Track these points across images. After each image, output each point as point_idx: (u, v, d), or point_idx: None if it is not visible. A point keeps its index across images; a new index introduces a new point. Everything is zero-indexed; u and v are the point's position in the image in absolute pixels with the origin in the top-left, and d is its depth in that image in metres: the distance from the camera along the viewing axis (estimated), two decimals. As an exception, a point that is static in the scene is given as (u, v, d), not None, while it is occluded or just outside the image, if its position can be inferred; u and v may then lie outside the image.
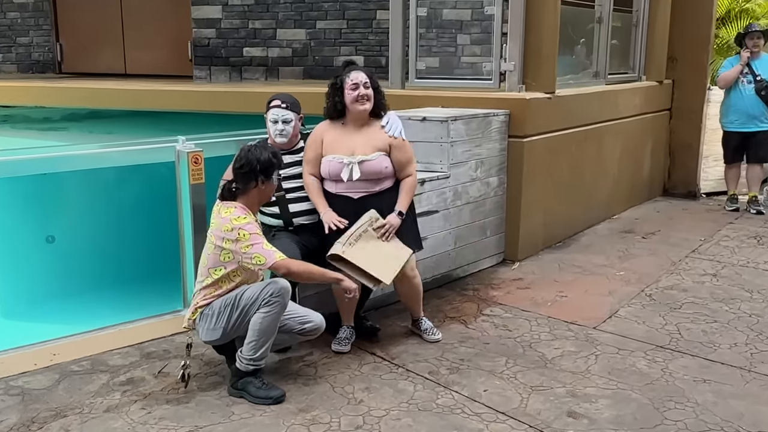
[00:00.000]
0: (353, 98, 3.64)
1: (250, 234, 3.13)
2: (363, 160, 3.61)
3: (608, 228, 6.37)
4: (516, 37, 5.27)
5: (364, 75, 3.67)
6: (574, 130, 5.87)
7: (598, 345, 3.81)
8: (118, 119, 7.72)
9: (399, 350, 3.73)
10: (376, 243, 3.57)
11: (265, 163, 3.21)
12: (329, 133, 3.72)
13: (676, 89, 7.69)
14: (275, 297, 3.11)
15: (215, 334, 3.24)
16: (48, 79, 9.31)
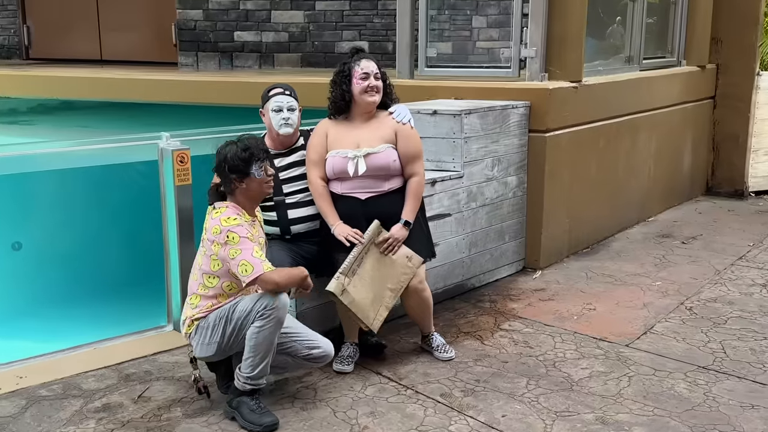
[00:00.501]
0: (362, 89, 3.68)
1: (240, 237, 3.15)
2: (369, 152, 3.66)
3: (643, 232, 6.39)
4: (538, 19, 5.30)
5: (374, 65, 3.72)
6: (604, 123, 5.89)
7: (631, 365, 3.83)
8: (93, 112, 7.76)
9: (407, 370, 3.76)
10: (380, 260, 3.63)
11: (233, 159, 3.20)
12: (333, 128, 3.77)
13: (720, 75, 7.70)
14: (269, 310, 3.14)
15: (210, 349, 3.29)
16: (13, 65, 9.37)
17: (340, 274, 3.57)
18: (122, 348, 3.99)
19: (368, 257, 3.62)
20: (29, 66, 9.36)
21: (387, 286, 3.64)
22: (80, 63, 9.32)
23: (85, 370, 3.72)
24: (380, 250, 3.64)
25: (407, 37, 5.76)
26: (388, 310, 3.67)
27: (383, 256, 3.64)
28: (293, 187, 3.80)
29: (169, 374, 3.67)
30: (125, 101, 7.13)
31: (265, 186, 3.31)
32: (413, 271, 3.68)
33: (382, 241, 3.64)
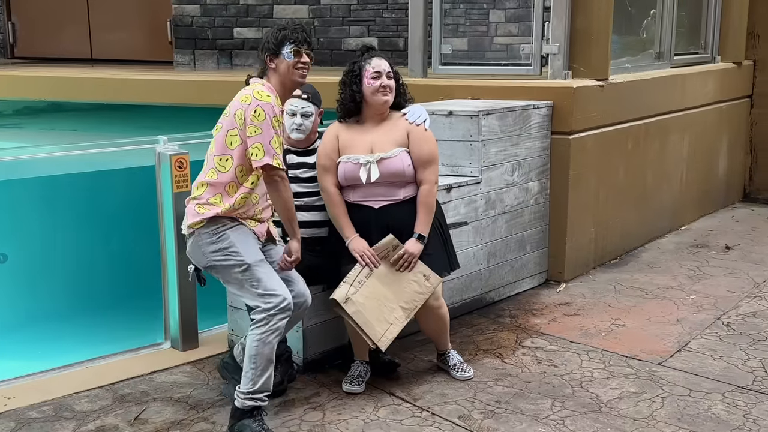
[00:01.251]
0: (374, 89, 3.71)
1: (265, 117, 3.22)
2: (382, 157, 3.69)
3: (675, 241, 6.39)
4: (561, 13, 5.34)
5: (387, 63, 3.76)
6: (632, 124, 5.91)
7: (664, 385, 3.84)
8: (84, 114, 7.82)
9: (422, 390, 3.78)
10: (393, 276, 3.65)
11: (268, 38, 3.40)
12: (344, 132, 3.80)
13: (758, 72, 7.71)
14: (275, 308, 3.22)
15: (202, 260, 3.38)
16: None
17: (344, 283, 3.60)
18: (117, 367, 4.02)
19: (380, 271, 3.64)
20: (14, 65, 9.46)
21: (400, 303, 3.66)
22: (69, 62, 9.41)
23: (77, 390, 3.75)
24: (395, 268, 3.66)
25: (420, 32, 5.80)
26: (400, 329, 3.67)
27: (397, 272, 3.66)
28: (301, 188, 3.83)
29: (167, 395, 3.70)
30: (118, 103, 7.19)
31: (294, 71, 3.37)
32: (431, 291, 3.70)
33: (397, 258, 3.66)
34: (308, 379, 3.86)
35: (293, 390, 3.75)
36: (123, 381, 3.85)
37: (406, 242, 3.68)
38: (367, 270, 3.63)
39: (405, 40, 6.44)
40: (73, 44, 9.85)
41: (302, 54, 3.37)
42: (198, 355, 4.13)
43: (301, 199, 3.84)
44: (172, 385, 3.80)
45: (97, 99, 7.31)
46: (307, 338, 3.92)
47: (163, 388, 3.77)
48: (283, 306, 3.25)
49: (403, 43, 7.28)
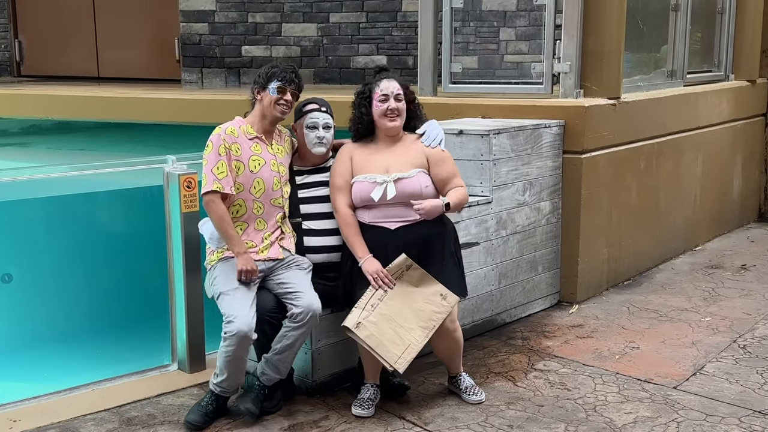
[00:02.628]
0: (381, 112, 3.76)
1: (212, 147, 3.63)
2: (399, 177, 3.71)
3: (689, 262, 6.38)
4: (572, 31, 5.37)
5: (396, 85, 3.79)
6: (645, 143, 5.92)
7: (679, 409, 3.83)
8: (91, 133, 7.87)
9: (433, 414, 3.78)
10: (408, 296, 3.66)
11: (261, 71, 3.76)
12: (358, 152, 3.84)
13: (772, 90, 7.72)
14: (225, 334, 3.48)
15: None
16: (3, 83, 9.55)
17: (355, 308, 3.61)
18: (123, 389, 4.03)
19: (394, 292, 3.65)
20: (21, 84, 9.54)
21: (418, 324, 3.67)
22: (76, 80, 9.49)
23: (83, 413, 3.76)
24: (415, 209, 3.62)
25: (430, 50, 5.85)
26: (418, 350, 3.68)
27: (412, 292, 3.67)
28: (312, 208, 3.85)
29: (175, 418, 3.70)
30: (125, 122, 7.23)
31: (276, 106, 3.71)
32: (448, 310, 3.70)
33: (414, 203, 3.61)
34: (317, 402, 3.86)
35: (301, 413, 3.75)
36: (130, 404, 3.86)
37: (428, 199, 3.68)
38: (380, 292, 3.64)
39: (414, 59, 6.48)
40: (79, 62, 9.94)
41: (286, 92, 3.71)
42: (205, 377, 4.11)
43: (314, 222, 3.85)
44: (179, 408, 3.81)
45: (104, 118, 7.36)
46: (316, 360, 3.92)
47: (170, 411, 3.78)
48: (231, 334, 3.46)
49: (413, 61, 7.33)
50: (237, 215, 3.70)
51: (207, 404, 3.64)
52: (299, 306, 3.56)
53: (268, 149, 3.75)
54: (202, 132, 6.78)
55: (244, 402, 3.63)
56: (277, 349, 3.62)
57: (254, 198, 3.70)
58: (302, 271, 3.73)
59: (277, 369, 3.67)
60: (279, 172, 3.77)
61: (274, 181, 3.73)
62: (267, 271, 3.69)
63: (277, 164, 3.77)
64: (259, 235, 3.70)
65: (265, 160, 3.72)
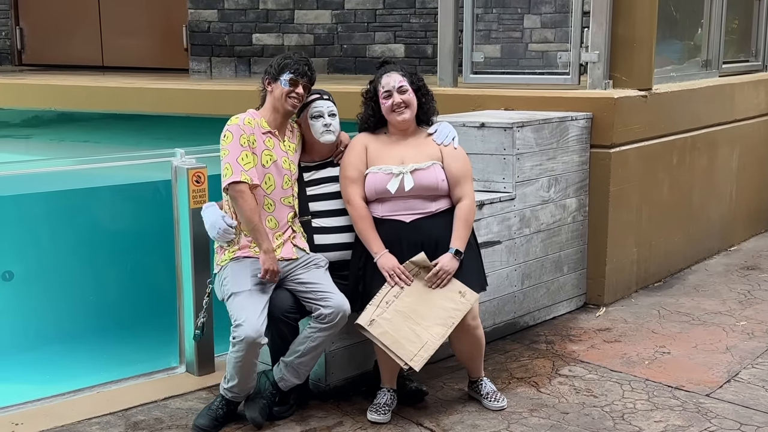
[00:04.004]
0: (388, 109, 3.80)
1: (232, 137, 3.63)
2: (416, 168, 3.75)
3: (724, 263, 6.36)
4: (601, 18, 5.36)
5: (397, 76, 3.81)
6: (678, 137, 5.91)
7: (713, 418, 3.82)
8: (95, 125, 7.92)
9: (452, 420, 3.79)
10: (425, 294, 3.68)
11: (273, 62, 3.79)
12: (373, 143, 3.88)
13: (814, 81, 7.66)
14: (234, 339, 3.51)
15: None
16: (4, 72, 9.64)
17: (369, 306, 3.64)
18: (129, 392, 4.07)
19: (411, 289, 3.67)
20: (22, 73, 9.63)
21: (436, 321, 3.69)
22: (79, 69, 9.57)
23: (88, 416, 3.80)
24: (428, 285, 3.69)
25: (450, 39, 5.85)
26: (435, 348, 3.70)
27: (430, 290, 3.69)
28: (322, 206, 3.88)
29: (182, 422, 3.74)
30: (131, 113, 7.28)
31: (287, 99, 3.72)
32: (467, 307, 3.72)
33: (431, 275, 3.69)
34: (331, 407, 3.89)
35: (314, 418, 3.78)
36: (136, 407, 3.90)
37: (441, 257, 3.71)
38: (396, 289, 3.66)
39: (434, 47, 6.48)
40: (83, 51, 10.02)
41: (298, 85, 3.73)
42: (214, 380, 4.15)
43: (324, 219, 3.88)
44: (187, 412, 3.84)
45: (109, 109, 7.42)
46: (330, 363, 3.95)
47: (177, 415, 3.82)
48: (239, 339, 3.48)
49: (432, 50, 7.34)
50: None
51: (217, 408, 3.68)
52: (329, 306, 3.59)
53: (280, 145, 3.78)
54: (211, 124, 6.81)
55: (251, 411, 3.66)
56: (299, 352, 3.64)
57: (265, 194, 3.72)
58: (321, 270, 3.76)
59: (297, 373, 3.70)
60: (290, 170, 3.80)
61: (285, 179, 3.76)
62: (283, 273, 3.71)
63: (289, 161, 3.80)
64: (270, 233, 3.73)
65: (277, 156, 3.75)
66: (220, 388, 3.72)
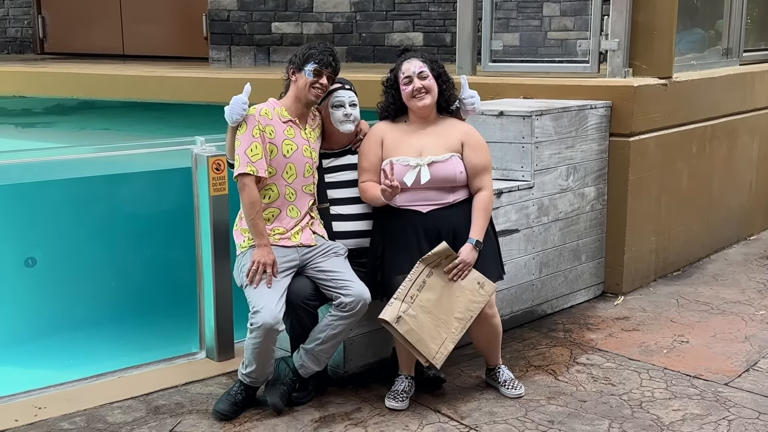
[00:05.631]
0: (408, 95, 3.78)
1: (246, 128, 3.65)
2: (433, 161, 3.74)
3: (743, 252, 6.31)
4: (621, 6, 5.32)
5: (418, 63, 3.79)
6: (698, 126, 5.86)
7: (731, 407, 3.80)
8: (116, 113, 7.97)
9: (470, 408, 3.80)
10: (446, 286, 3.66)
11: (299, 51, 3.77)
12: (390, 133, 3.86)
13: (834, 69, 7.57)
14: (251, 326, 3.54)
15: None
16: (27, 61, 9.71)
17: (395, 300, 3.63)
18: (151, 377, 4.10)
19: (432, 281, 3.66)
20: (44, 61, 9.69)
21: (455, 315, 3.68)
22: (100, 58, 9.62)
23: (110, 400, 3.83)
24: (448, 277, 3.68)
25: (469, 27, 5.83)
26: (455, 343, 3.70)
27: (450, 281, 3.68)
28: (340, 193, 3.88)
29: (203, 407, 3.77)
30: (151, 101, 7.31)
31: (311, 89, 3.71)
32: (486, 299, 3.72)
33: (451, 266, 3.68)
34: (349, 393, 3.90)
35: (333, 405, 3.80)
36: (157, 392, 3.93)
37: (461, 249, 3.70)
38: (419, 282, 3.64)
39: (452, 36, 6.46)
40: (104, 39, 10.06)
41: (322, 75, 3.72)
42: (234, 366, 4.17)
43: (342, 206, 3.88)
44: (207, 397, 3.87)
45: (129, 97, 7.46)
46: (348, 350, 3.96)
47: (198, 400, 3.84)
48: (257, 326, 3.51)
49: (451, 38, 7.31)
50: (269, 200, 3.73)
51: (236, 393, 3.70)
52: (350, 295, 3.60)
53: (301, 133, 3.78)
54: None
55: (272, 396, 3.69)
56: (320, 339, 3.66)
57: (286, 183, 3.73)
58: (341, 258, 3.76)
59: (318, 360, 3.72)
60: (312, 158, 3.80)
61: (306, 167, 3.76)
62: (302, 261, 3.72)
63: (310, 149, 3.80)
64: (292, 222, 3.74)
65: (298, 145, 3.75)
66: (238, 374, 3.74)
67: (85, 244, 5.29)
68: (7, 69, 8.51)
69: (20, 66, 8.77)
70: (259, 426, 3.58)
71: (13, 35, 10.96)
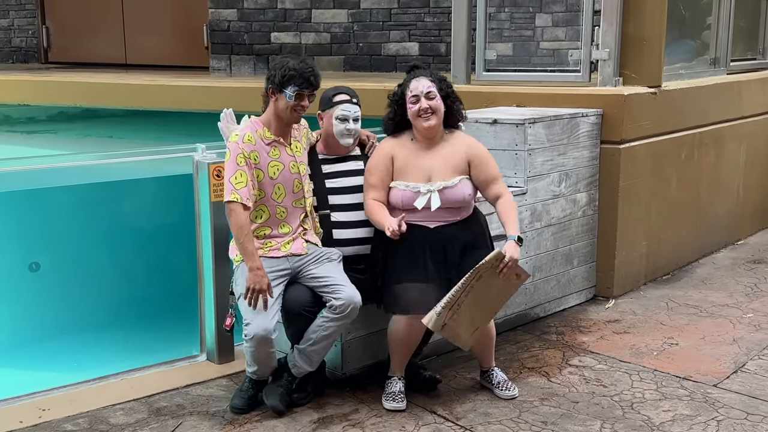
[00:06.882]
0: (414, 114, 3.72)
1: (230, 155, 3.61)
2: (444, 186, 3.71)
3: (731, 257, 6.32)
4: (612, 17, 5.33)
5: (426, 83, 3.73)
6: (686, 134, 5.87)
7: (720, 408, 3.81)
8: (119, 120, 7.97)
9: (465, 408, 3.80)
10: (490, 285, 3.62)
11: (277, 69, 3.63)
12: (400, 152, 3.78)
13: (819, 79, 7.60)
14: (245, 337, 3.58)
15: None
16: (31, 70, 9.70)
17: (442, 309, 3.54)
18: (152, 379, 4.10)
19: (479, 284, 3.59)
20: (48, 70, 9.69)
21: (488, 305, 3.70)
22: (104, 67, 9.62)
23: (112, 402, 3.83)
24: (500, 275, 3.62)
25: (463, 37, 5.84)
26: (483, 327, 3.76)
27: (493, 279, 3.62)
28: (340, 199, 3.86)
29: (204, 409, 3.76)
30: (153, 109, 7.32)
31: (293, 112, 3.64)
32: (518, 288, 3.75)
33: (502, 266, 3.60)
34: (347, 395, 3.90)
35: (331, 406, 3.79)
36: (158, 394, 3.92)
37: (506, 247, 3.64)
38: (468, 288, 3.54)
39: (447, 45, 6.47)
40: (107, 49, 10.07)
41: (304, 98, 3.64)
42: (234, 368, 4.19)
43: (342, 213, 3.86)
44: (209, 399, 3.87)
45: (132, 105, 7.46)
46: (346, 352, 3.96)
47: (199, 402, 3.84)
48: (249, 338, 3.57)
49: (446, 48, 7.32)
50: (261, 220, 3.71)
51: (248, 389, 3.77)
52: (340, 298, 3.59)
53: (286, 151, 3.72)
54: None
55: (271, 398, 3.69)
56: (312, 340, 3.66)
57: (276, 203, 3.71)
58: (333, 263, 3.75)
59: (310, 360, 3.71)
60: (300, 173, 3.75)
61: (295, 183, 3.72)
62: (294, 269, 3.71)
63: (297, 164, 3.74)
64: (283, 239, 3.74)
65: (284, 164, 3.69)
66: (246, 371, 3.79)
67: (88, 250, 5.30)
68: (12, 78, 8.52)
69: (25, 75, 8.77)
70: (259, 427, 3.58)
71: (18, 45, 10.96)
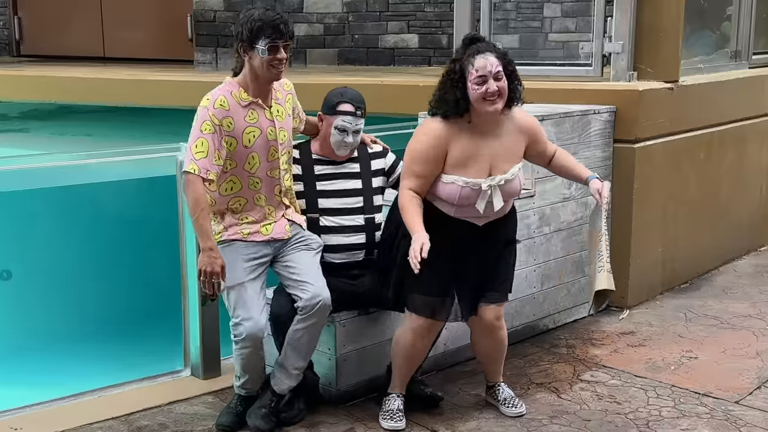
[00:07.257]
0: (479, 97, 3.45)
1: (197, 121, 3.49)
2: (504, 181, 3.61)
3: (753, 264, 6.33)
4: (626, 6, 5.34)
5: (494, 60, 3.46)
6: (705, 132, 5.89)
7: (742, 426, 3.81)
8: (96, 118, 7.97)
9: (469, 427, 3.79)
10: None
11: (243, 25, 3.45)
12: (455, 140, 3.54)
13: None
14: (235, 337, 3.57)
15: None
16: (3, 64, 9.70)
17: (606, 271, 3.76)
18: (132, 396, 4.08)
19: None
20: (20, 64, 9.70)
21: None
22: (80, 61, 9.61)
23: (89, 421, 3.81)
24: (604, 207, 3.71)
25: (466, 28, 5.81)
26: None
27: None
28: (331, 203, 3.86)
29: (188, 428, 3.76)
30: (134, 106, 7.32)
31: (270, 68, 3.49)
32: None
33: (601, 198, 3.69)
34: (341, 413, 3.89)
35: (325, 424, 3.79)
36: (139, 412, 3.91)
37: (591, 185, 3.73)
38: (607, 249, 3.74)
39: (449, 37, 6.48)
40: (84, 41, 10.07)
41: (279, 49, 3.47)
42: (220, 384, 4.17)
43: (331, 218, 3.86)
44: (193, 417, 3.86)
45: (111, 101, 7.46)
46: (340, 367, 3.95)
47: (182, 421, 3.83)
48: (241, 338, 3.54)
49: (447, 40, 7.34)
50: (232, 192, 3.62)
51: (236, 406, 3.75)
52: (304, 298, 3.55)
53: (265, 114, 3.60)
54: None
55: (253, 419, 3.68)
56: (285, 348, 3.65)
57: (249, 174, 3.61)
58: (311, 253, 3.72)
59: (288, 373, 3.69)
60: (278, 140, 3.63)
61: (270, 151, 3.61)
62: (274, 252, 3.68)
63: (276, 130, 3.63)
64: (261, 211, 3.66)
65: (261, 129, 3.58)
66: (234, 387, 3.78)
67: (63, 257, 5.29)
68: (-19, 72, 8.52)
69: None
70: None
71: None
